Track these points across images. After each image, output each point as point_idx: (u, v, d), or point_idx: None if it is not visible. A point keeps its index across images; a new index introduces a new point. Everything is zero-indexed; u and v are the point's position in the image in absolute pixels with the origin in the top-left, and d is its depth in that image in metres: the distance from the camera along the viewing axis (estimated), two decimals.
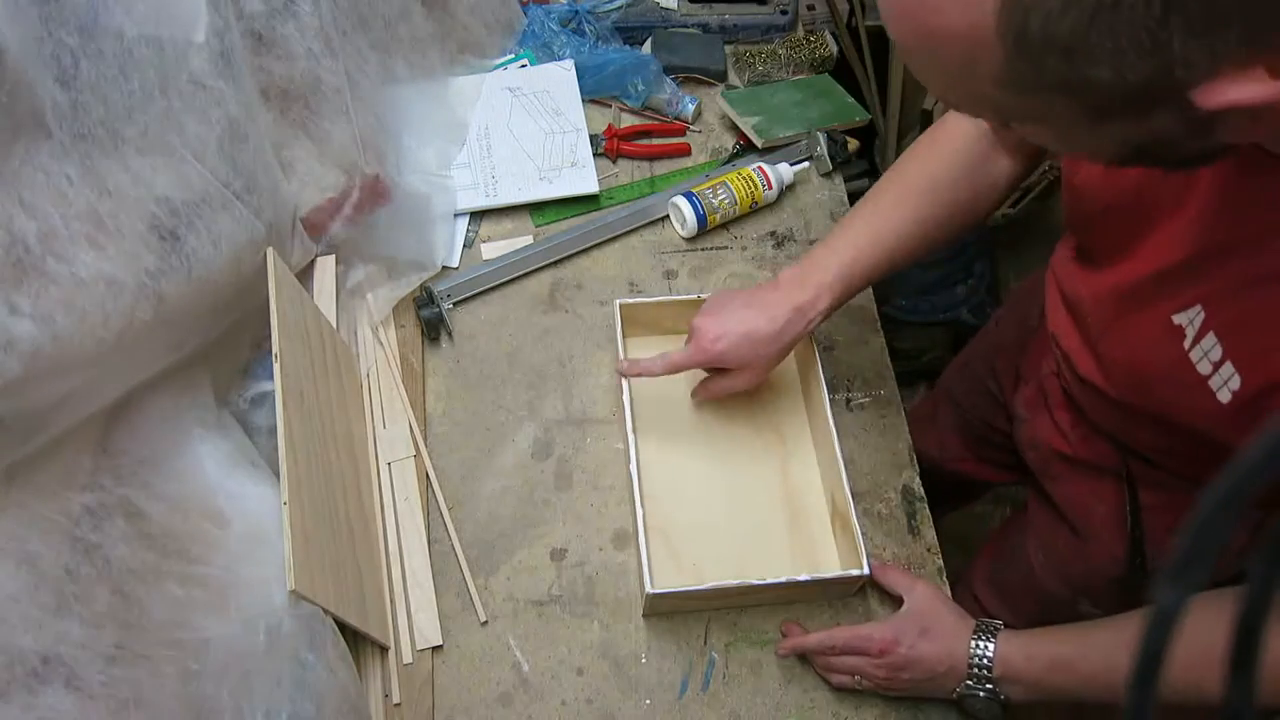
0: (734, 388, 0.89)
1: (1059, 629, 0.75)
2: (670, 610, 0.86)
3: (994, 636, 0.75)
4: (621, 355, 0.94)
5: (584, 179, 1.10)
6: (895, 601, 0.88)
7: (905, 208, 0.83)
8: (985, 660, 0.75)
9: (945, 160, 0.83)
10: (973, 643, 0.76)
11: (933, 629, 0.78)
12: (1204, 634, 0.45)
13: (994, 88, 0.43)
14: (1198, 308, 0.60)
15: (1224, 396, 0.59)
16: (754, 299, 0.85)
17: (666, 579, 0.86)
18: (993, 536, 1.16)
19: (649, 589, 0.80)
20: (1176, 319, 0.62)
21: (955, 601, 0.82)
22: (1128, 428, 0.80)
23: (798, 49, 1.27)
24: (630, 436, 0.88)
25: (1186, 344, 0.61)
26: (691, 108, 1.18)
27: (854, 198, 1.18)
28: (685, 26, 1.26)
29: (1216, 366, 0.59)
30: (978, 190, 0.83)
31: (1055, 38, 0.38)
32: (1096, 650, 0.70)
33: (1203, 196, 0.59)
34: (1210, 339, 0.59)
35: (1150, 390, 0.68)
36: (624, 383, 0.91)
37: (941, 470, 1.20)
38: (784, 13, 1.28)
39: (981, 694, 0.75)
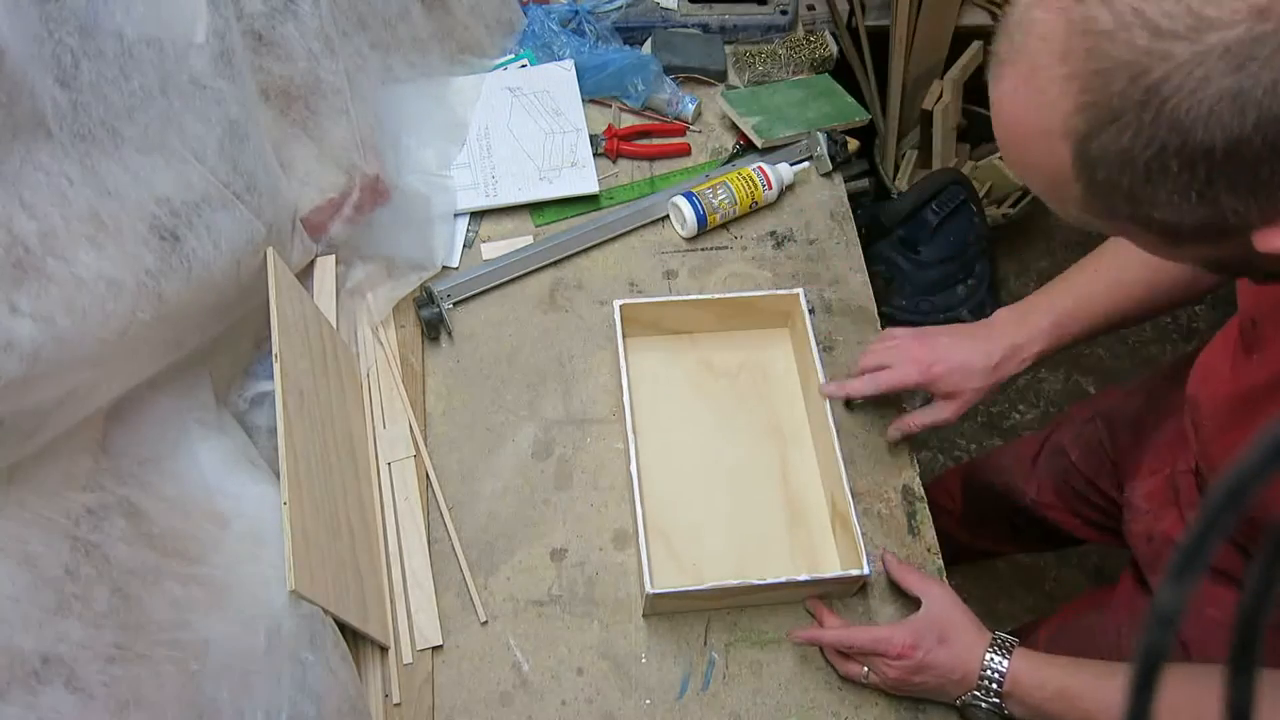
0: (937, 420, 0.88)
1: (1077, 661, 0.74)
2: (670, 610, 0.86)
3: (1010, 653, 0.75)
4: (622, 356, 0.94)
5: (584, 179, 1.10)
6: (897, 600, 0.88)
7: (1135, 269, 0.81)
8: (997, 675, 0.75)
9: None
10: (987, 655, 0.76)
11: (951, 637, 0.78)
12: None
13: (1079, 211, 0.47)
14: None
15: None
16: (968, 332, 0.86)
17: (666, 579, 0.86)
18: (1065, 610, 1.12)
19: (649, 589, 0.80)
20: None
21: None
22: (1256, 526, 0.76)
23: (798, 49, 1.27)
24: (630, 436, 0.88)
25: None
26: (691, 108, 1.18)
27: (854, 198, 1.19)
28: (685, 26, 1.26)
29: None
30: (1190, 280, 0.81)
31: (1119, 186, 0.43)
32: (1105, 693, 0.70)
33: None
34: None
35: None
36: (624, 382, 0.91)
37: (1027, 513, 1.18)
38: (784, 13, 1.28)
39: (984, 705, 0.76)
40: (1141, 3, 0.39)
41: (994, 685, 0.75)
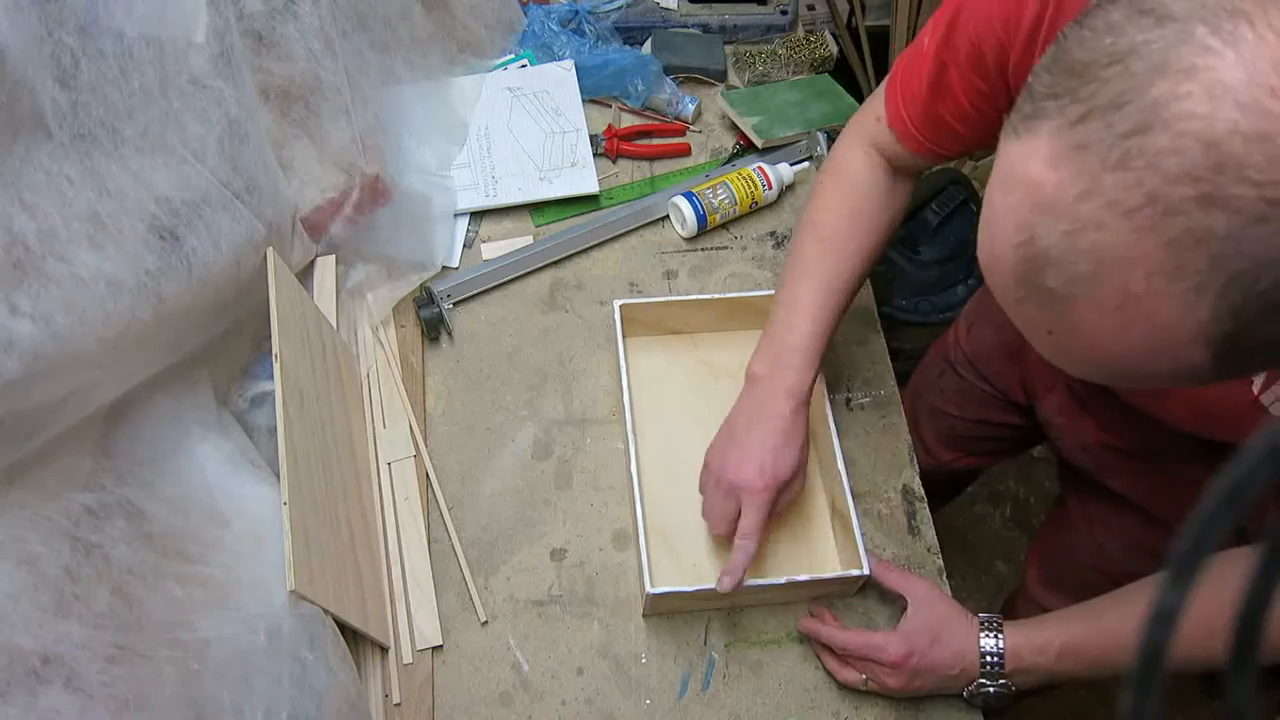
0: (790, 500, 0.85)
1: (1066, 613, 0.75)
2: (670, 610, 0.86)
3: (1000, 631, 0.76)
4: (622, 356, 0.94)
5: (584, 179, 1.10)
6: (897, 601, 0.88)
7: (837, 260, 0.84)
8: (996, 657, 0.75)
9: (858, 200, 0.84)
10: (981, 639, 0.76)
11: (943, 635, 0.78)
12: (1214, 598, 0.46)
13: (1192, 380, 0.43)
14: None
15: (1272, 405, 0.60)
16: (752, 419, 0.83)
17: (666, 579, 0.86)
18: (1036, 545, 1.15)
19: (649, 590, 0.80)
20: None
21: (1019, 616, 0.81)
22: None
23: (798, 49, 1.27)
24: (630, 437, 0.88)
25: (1256, 388, 0.61)
26: (691, 108, 1.18)
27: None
28: (685, 26, 1.26)
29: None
30: (892, 216, 0.85)
31: (1266, 349, 0.40)
32: (1107, 633, 0.71)
33: None
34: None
35: (1211, 428, 0.69)
36: (624, 383, 0.91)
37: (934, 474, 1.19)
38: (784, 13, 1.28)
39: (993, 689, 0.76)
40: (1264, 192, 0.34)
41: (997, 667, 0.75)
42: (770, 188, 1.10)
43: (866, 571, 0.82)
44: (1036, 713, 1.59)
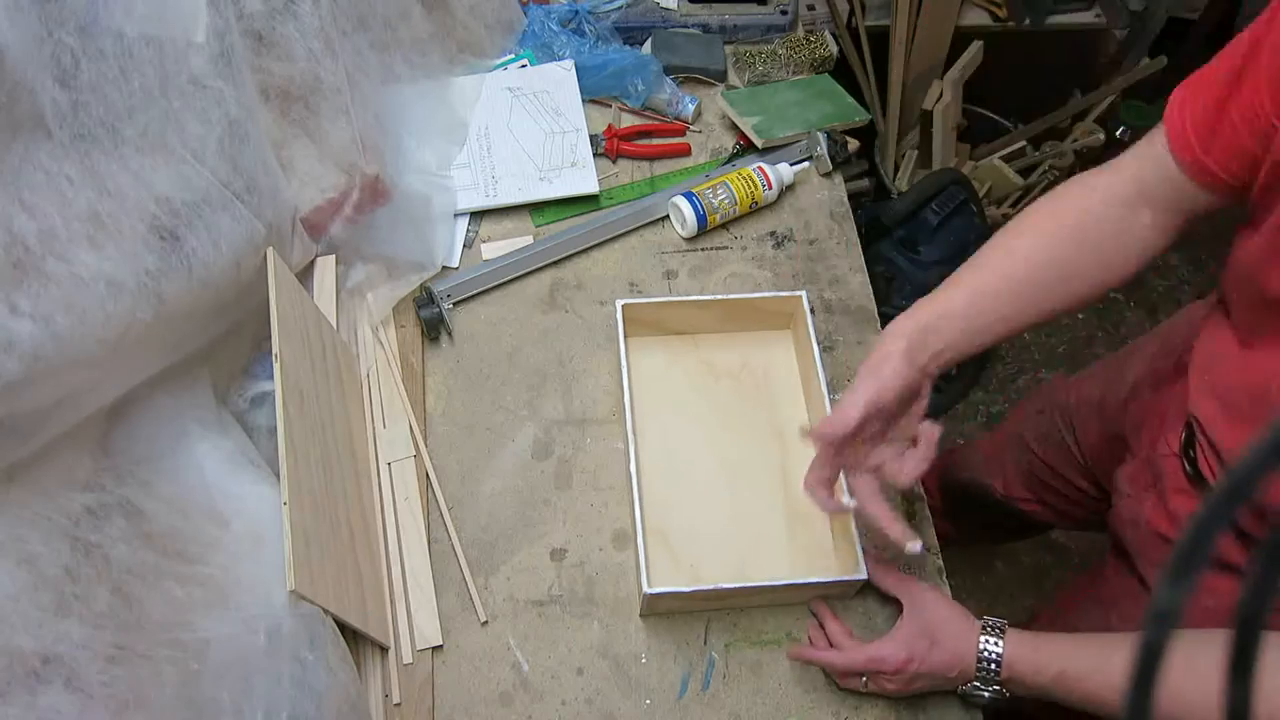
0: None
1: (1073, 639, 0.74)
2: (668, 611, 0.86)
3: (1002, 635, 0.75)
4: (623, 356, 0.94)
5: (584, 179, 1.10)
6: (895, 604, 0.88)
7: (1014, 287, 0.75)
8: (993, 664, 0.75)
9: (1069, 242, 0.74)
10: (981, 642, 0.75)
11: (940, 638, 0.77)
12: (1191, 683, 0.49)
13: None
14: None
15: None
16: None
17: (665, 580, 0.86)
18: (1056, 604, 1.12)
19: (646, 589, 0.80)
20: None
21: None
22: (1265, 515, 0.73)
23: (798, 49, 1.27)
24: (630, 437, 0.88)
25: None
26: (691, 108, 1.18)
27: (854, 198, 1.19)
28: (685, 26, 1.26)
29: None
30: (1106, 272, 0.75)
31: None
32: (1108, 675, 0.70)
33: None
34: None
35: None
36: (625, 383, 0.91)
37: (999, 506, 1.20)
38: (784, 13, 1.28)
39: (987, 694, 0.76)
40: None
41: (992, 672, 0.75)
42: (770, 188, 1.10)
43: (864, 575, 0.82)
44: (1036, 713, 1.59)
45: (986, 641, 0.75)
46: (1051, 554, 1.79)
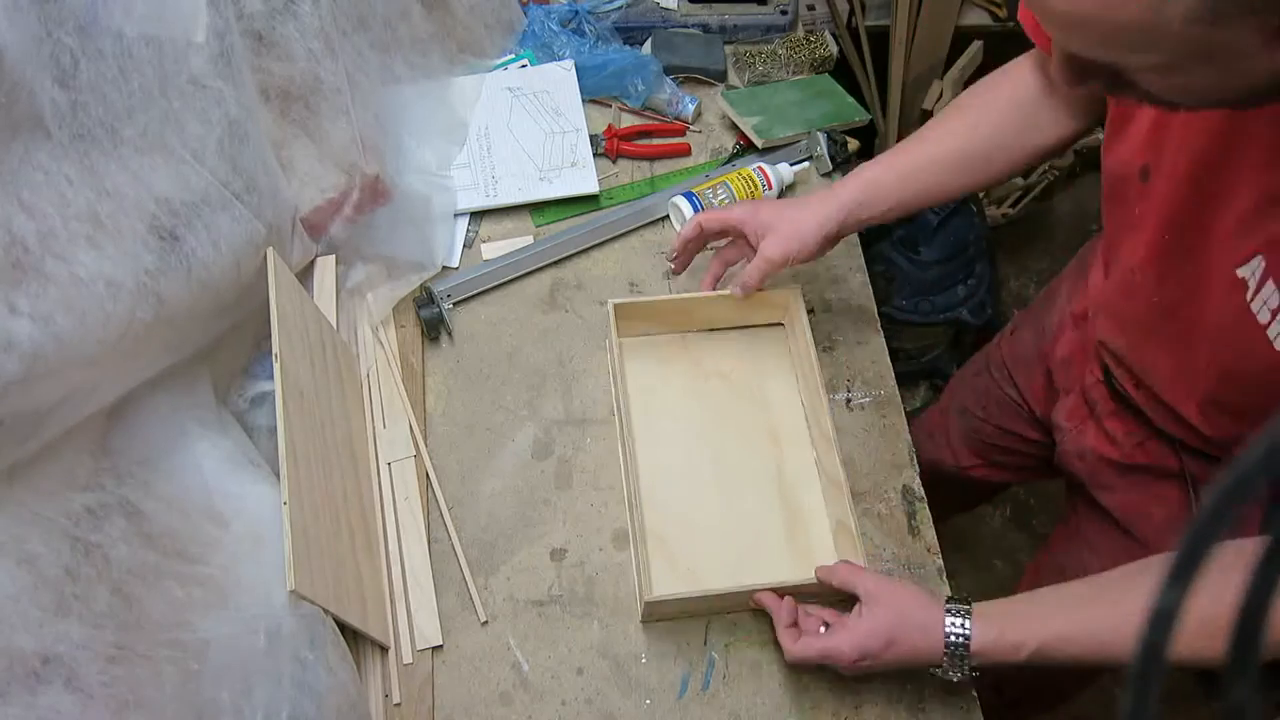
0: (763, 261, 0.88)
1: (1047, 604, 0.72)
2: (669, 615, 0.86)
3: (968, 618, 0.72)
4: (614, 360, 0.94)
5: (584, 179, 1.10)
6: None
7: (927, 160, 0.87)
8: (961, 648, 0.71)
9: (998, 112, 0.85)
10: (947, 627, 0.71)
11: (899, 636, 0.73)
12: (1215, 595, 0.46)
13: (1182, 25, 0.45)
14: (1259, 258, 0.61)
15: None
16: (791, 202, 0.92)
17: (665, 583, 0.86)
18: (1036, 560, 1.15)
19: (646, 595, 0.80)
20: (1240, 272, 0.63)
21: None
22: (1183, 419, 0.79)
23: (798, 49, 1.27)
24: (626, 441, 0.88)
25: (1248, 295, 0.62)
26: (691, 108, 1.18)
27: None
28: (685, 26, 1.26)
29: (1275, 313, 0.61)
30: (1025, 147, 0.85)
31: None
32: (1088, 632, 0.68)
33: (1258, 147, 0.60)
34: (1270, 287, 0.60)
35: (1211, 352, 0.69)
36: (616, 387, 0.91)
37: (955, 479, 1.22)
38: (784, 13, 1.28)
39: (957, 679, 0.73)
40: None
41: (962, 657, 0.71)
42: (770, 188, 1.10)
43: None
44: (1036, 713, 1.59)
45: (952, 625, 0.71)
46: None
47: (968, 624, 0.71)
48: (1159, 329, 0.76)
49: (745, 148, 1.18)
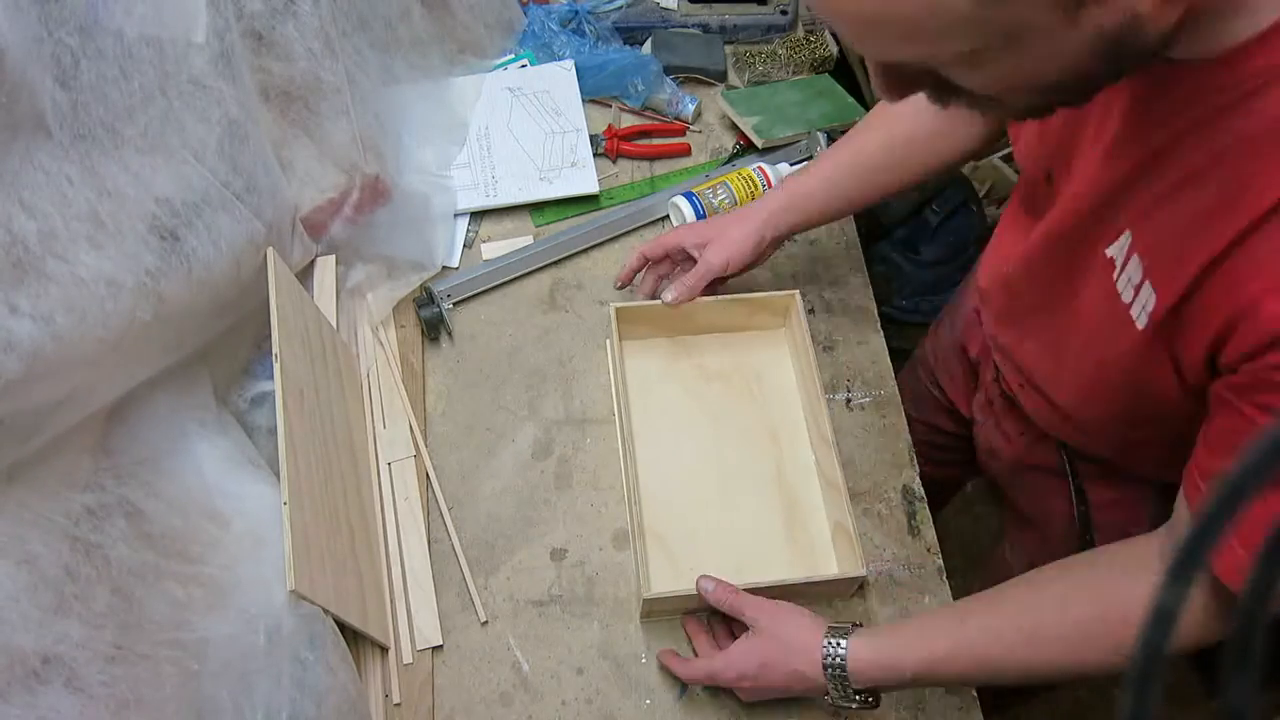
0: (704, 266, 0.93)
1: (931, 623, 0.72)
2: (668, 613, 0.86)
3: (845, 637, 0.72)
4: (615, 362, 0.94)
5: (584, 179, 1.10)
6: (897, 601, 0.88)
7: (845, 170, 0.93)
8: (841, 671, 0.71)
9: (911, 117, 0.89)
10: (825, 649, 0.72)
11: (774, 660, 0.75)
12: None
13: (969, 6, 0.44)
14: (1126, 233, 0.61)
15: (1141, 322, 0.60)
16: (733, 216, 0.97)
17: (664, 582, 0.86)
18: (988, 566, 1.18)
19: (645, 593, 0.80)
20: (1109, 251, 0.63)
21: None
22: (1066, 421, 0.80)
23: (798, 49, 1.27)
24: (626, 441, 0.88)
25: (1115, 274, 0.63)
26: (691, 108, 1.18)
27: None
28: (685, 26, 1.26)
29: (1137, 289, 0.60)
30: (938, 150, 0.90)
31: None
32: (967, 649, 0.68)
33: (1115, 124, 0.60)
34: (1134, 262, 0.60)
35: (1085, 344, 0.69)
36: (616, 388, 0.91)
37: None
38: (784, 13, 1.28)
39: (854, 705, 0.73)
40: None
41: (845, 681, 0.71)
42: (770, 187, 1.10)
43: (864, 572, 0.82)
44: (1036, 713, 1.59)
45: (829, 646, 0.72)
46: None
47: (844, 644, 0.71)
48: (1038, 327, 0.77)
49: (745, 148, 1.18)
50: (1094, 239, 0.65)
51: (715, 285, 0.95)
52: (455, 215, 1.08)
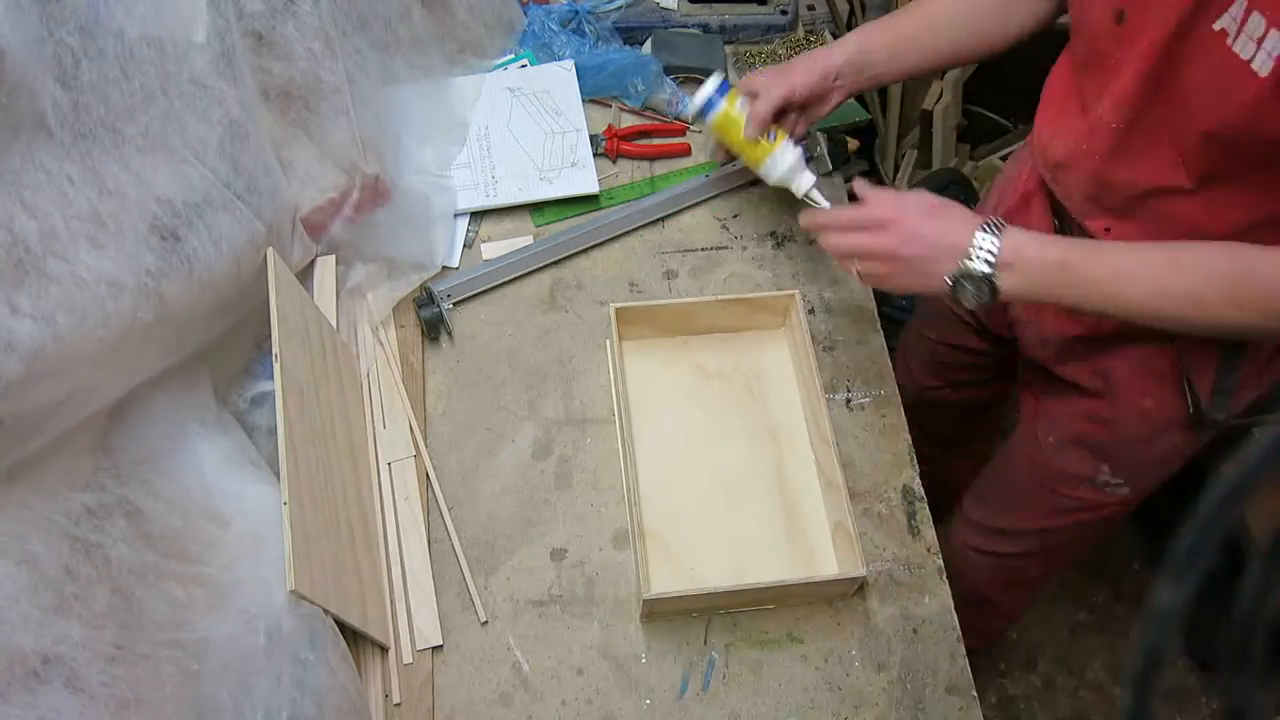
0: (765, 94, 0.97)
1: (1072, 239, 0.80)
2: (668, 613, 0.86)
3: (1001, 229, 0.78)
4: (615, 362, 0.94)
5: (584, 179, 1.10)
6: (898, 600, 0.88)
7: (938, 8, 0.96)
8: (992, 245, 0.77)
9: (957, 8, 0.95)
10: (979, 231, 0.78)
11: (938, 211, 0.82)
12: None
13: None
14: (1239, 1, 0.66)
15: (1265, 69, 0.64)
16: (807, 54, 1.00)
17: (664, 582, 0.86)
18: (968, 487, 1.22)
19: (644, 593, 0.80)
20: (1218, 25, 0.67)
21: (950, 557, 0.92)
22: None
23: (798, 49, 1.27)
24: (626, 441, 0.88)
25: (1230, 40, 0.66)
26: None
27: (854, 198, 1.18)
28: (685, 26, 1.26)
29: (1260, 42, 0.64)
30: (1005, 29, 0.95)
31: None
32: (1110, 261, 0.75)
33: None
34: (1255, 19, 0.64)
35: (1192, 119, 0.72)
36: (616, 388, 0.91)
37: (924, 403, 1.26)
38: (784, 13, 1.28)
39: (976, 275, 0.77)
40: None
41: (988, 255, 0.77)
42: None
43: (864, 572, 0.82)
44: (1036, 713, 1.59)
45: (984, 231, 0.78)
46: None
47: (999, 234, 0.78)
48: (1139, 137, 0.79)
49: None
50: (1200, 24, 0.68)
51: (787, 117, 1.00)
52: (455, 215, 1.08)
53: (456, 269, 1.05)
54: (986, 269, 0.77)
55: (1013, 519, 1.14)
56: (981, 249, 0.77)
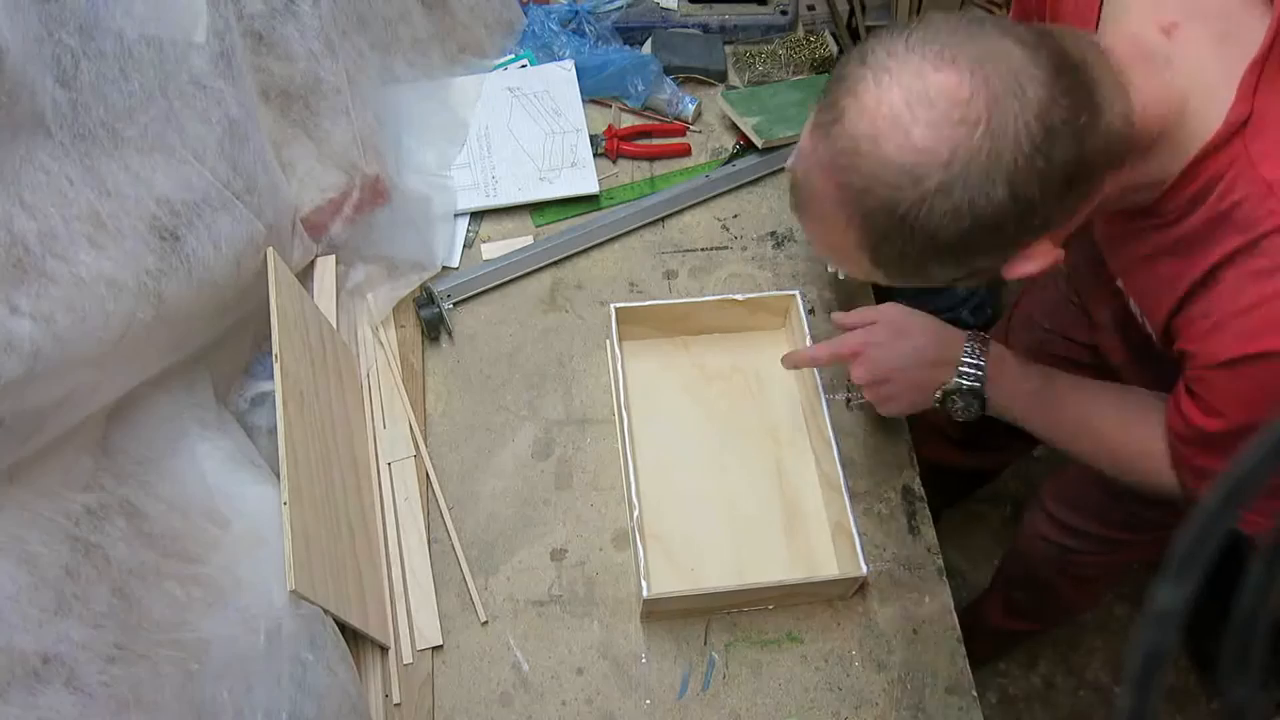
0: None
1: (1055, 371, 0.83)
2: (668, 613, 0.86)
3: (987, 344, 0.81)
4: (615, 362, 0.94)
5: (584, 179, 1.10)
6: (898, 600, 0.88)
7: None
8: (977, 360, 0.80)
9: None
10: (966, 346, 0.81)
11: (909, 329, 0.84)
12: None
13: (885, 280, 0.68)
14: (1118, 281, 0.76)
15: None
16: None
17: (664, 582, 0.86)
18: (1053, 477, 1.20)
19: (644, 593, 0.80)
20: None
21: (1026, 532, 1.04)
22: None
23: (798, 49, 1.27)
24: (625, 441, 0.88)
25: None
26: (691, 108, 1.18)
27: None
28: (685, 26, 1.26)
29: (1141, 318, 0.74)
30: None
31: (905, 269, 0.64)
32: (1085, 401, 0.80)
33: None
34: (1133, 303, 0.75)
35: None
36: (616, 387, 0.91)
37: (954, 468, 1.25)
38: (784, 13, 1.28)
39: (965, 386, 0.80)
40: (877, 168, 0.58)
41: (976, 370, 0.80)
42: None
43: (864, 572, 0.82)
44: (1036, 713, 1.59)
45: (971, 346, 0.81)
46: None
47: (987, 348, 0.81)
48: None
49: (745, 148, 1.18)
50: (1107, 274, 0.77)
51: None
52: (455, 215, 1.08)
53: (456, 269, 1.05)
54: (975, 384, 0.81)
55: (1084, 520, 1.12)
56: (971, 356, 0.81)
